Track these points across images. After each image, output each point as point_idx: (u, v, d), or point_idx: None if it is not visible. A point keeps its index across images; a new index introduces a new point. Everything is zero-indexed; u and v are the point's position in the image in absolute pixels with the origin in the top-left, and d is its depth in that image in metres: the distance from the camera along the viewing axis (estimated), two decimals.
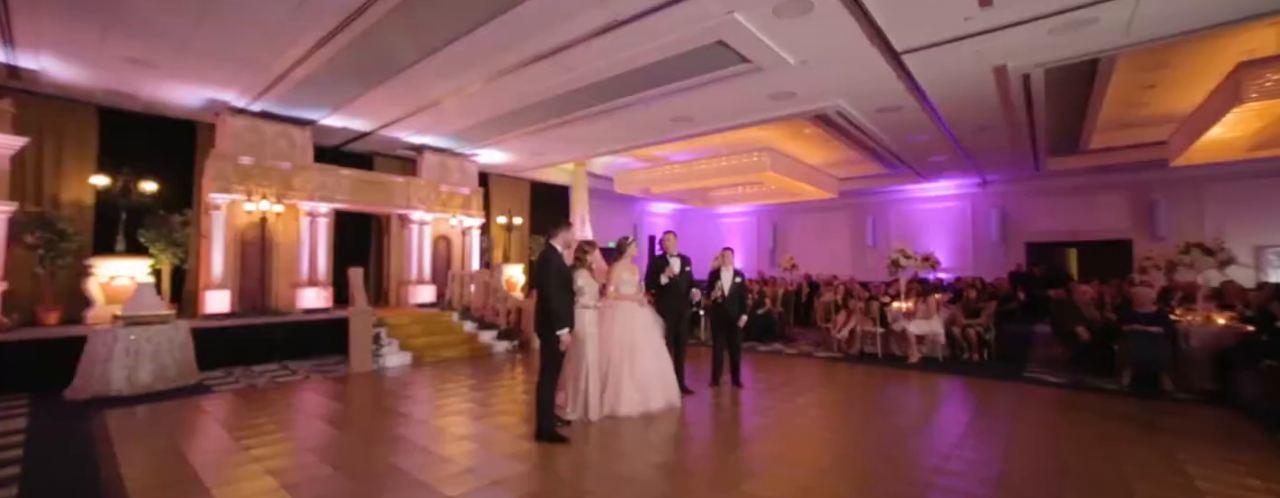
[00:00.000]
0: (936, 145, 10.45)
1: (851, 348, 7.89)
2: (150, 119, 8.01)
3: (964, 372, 6.61)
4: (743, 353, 6.04)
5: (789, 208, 16.69)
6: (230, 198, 7.54)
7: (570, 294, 4.12)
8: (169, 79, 6.84)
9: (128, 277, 6.89)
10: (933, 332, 7.30)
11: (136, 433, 4.16)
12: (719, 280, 5.86)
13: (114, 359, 5.11)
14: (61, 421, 4.44)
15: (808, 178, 12.32)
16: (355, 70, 6.63)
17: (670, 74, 6.93)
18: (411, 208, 9.62)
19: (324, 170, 8.49)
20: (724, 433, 4.21)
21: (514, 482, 3.20)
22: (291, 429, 4.25)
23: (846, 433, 4.19)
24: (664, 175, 12.29)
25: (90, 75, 6.81)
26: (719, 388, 5.75)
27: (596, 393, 4.47)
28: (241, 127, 7.73)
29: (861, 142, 10.37)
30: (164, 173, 7.73)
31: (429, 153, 10.13)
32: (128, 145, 7.79)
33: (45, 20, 5.43)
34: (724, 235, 18.39)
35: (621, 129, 9.27)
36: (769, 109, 8.20)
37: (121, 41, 5.80)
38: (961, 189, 14.46)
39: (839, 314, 8.15)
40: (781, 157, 11.02)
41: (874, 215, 15.61)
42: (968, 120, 8.79)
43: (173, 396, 5.19)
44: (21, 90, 7.11)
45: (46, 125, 7.34)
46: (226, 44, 5.82)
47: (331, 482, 3.21)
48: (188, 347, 5.73)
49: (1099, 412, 4.80)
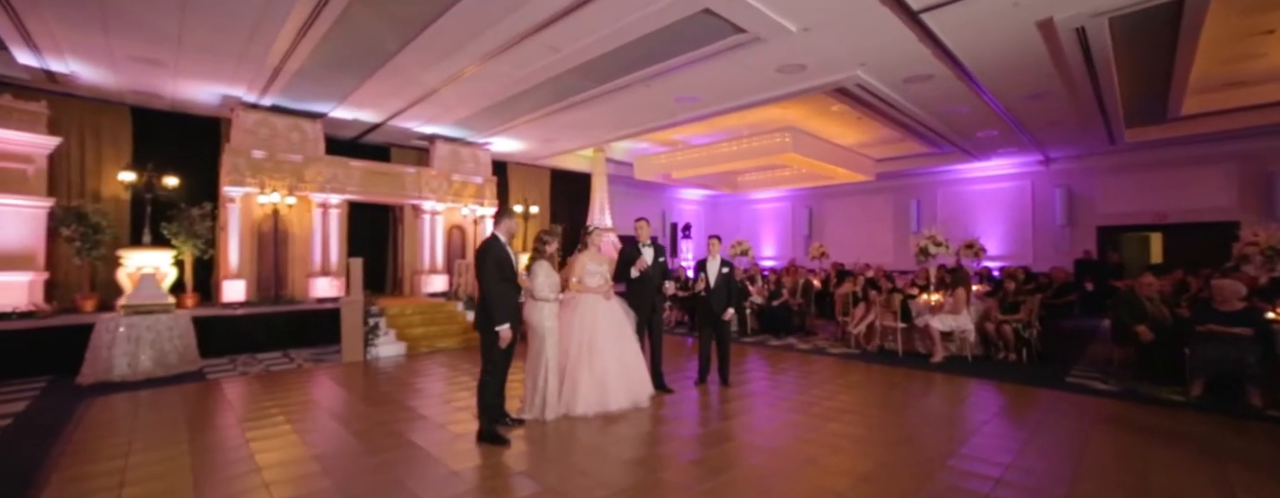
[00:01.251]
0: (982, 119, 9.39)
1: (870, 344, 7.24)
2: (177, 117, 8.43)
3: (994, 374, 5.87)
4: (760, 348, 5.61)
5: (824, 192, 15.74)
6: (244, 191, 7.83)
7: (512, 286, 3.87)
8: (181, 77, 7.10)
9: (152, 267, 7.29)
10: (960, 328, 6.54)
11: (104, 419, 4.31)
12: (704, 272, 5.43)
13: (117, 346, 5.39)
14: (57, 404, 4.70)
15: (839, 160, 11.47)
16: (343, 60, 6.62)
17: (664, 50, 6.49)
18: (422, 198, 9.71)
19: (334, 162, 8.67)
20: (684, 441, 3.84)
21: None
22: (223, 421, 4.26)
23: (829, 445, 3.72)
24: (683, 160, 11.80)
25: (113, 76, 7.18)
26: (706, 387, 5.38)
27: (555, 391, 4.23)
28: (254, 121, 7.98)
29: (895, 118, 9.45)
30: (189, 168, 8.13)
31: (441, 142, 10.17)
32: (158, 143, 8.24)
33: (52, 23, 5.69)
34: (757, 222, 17.66)
35: (626, 112, 8.89)
36: (779, 85, 7.58)
37: (122, 41, 6.02)
38: (1020, 168, 13.05)
39: (857, 307, 7.49)
40: (806, 137, 10.28)
41: (919, 199, 14.42)
42: (1015, 88, 7.78)
43: (170, 382, 5.42)
44: (61, 93, 7.63)
45: (85, 125, 7.86)
46: (214, 37, 5.91)
47: (213, 481, 3.13)
48: (189, 335, 5.98)
49: (1145, 428, 4.05)
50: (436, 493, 2.94)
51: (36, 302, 6.84)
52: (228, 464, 3.36)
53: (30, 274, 6.83)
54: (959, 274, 6.94)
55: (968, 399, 4.91)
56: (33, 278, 6.87)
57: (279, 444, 3.71)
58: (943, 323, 6.55)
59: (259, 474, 3.19)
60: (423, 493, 2.93)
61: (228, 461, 3.42)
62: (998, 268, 11.94)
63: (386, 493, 2.93)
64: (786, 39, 6.06)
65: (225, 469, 3.28)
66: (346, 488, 2.99)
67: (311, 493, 2.93)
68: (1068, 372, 5.94)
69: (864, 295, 7.46)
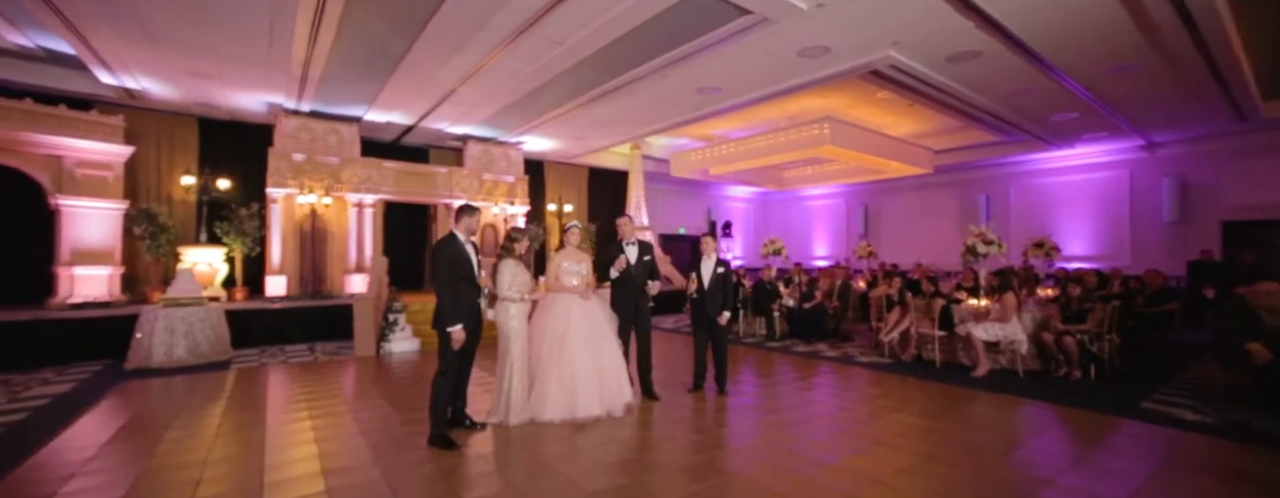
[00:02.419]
0: (1054, 100, 8.23)
1: (905, 353, 6.51)
2: (235, 125, 9.16)
3: (1048, 393, 5.04)
4: (783, 354, 5.18)
5: (880, 187, 14.60)
6: (286, 192, 8.35)
7: (470, 286, 3.74)
8: (227, 86, 7.68)
9: (207, 263, 7.97)
10: (1008, 338, 5.70)
11: (124, 401, 4.66)
12: (698, 272, 5.07)
13: (156, 336, 5.87)
14: (97, 386, 5.17)
15: (889, 151, 10.53)
16: (360, 63, 6.85)
17: (669, 38, 6.18)
18: (454, 197, 9.95)
19: (368, 163, 9.06)
20: (653, 454, 3.53)
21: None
22: (207, 410, 4.44)
23: (799, 474, 3.29)
24: (719, 155, 11.33)
25: (176, 90, 7.90)
26: (701, 394, 5.02)
27: (519, 394, 4.06)
28: (294, 126, 8.50)
29: (948, 104, 8.50)
30: (243, 172, 8.81)
31: (473, 142, 10.38)
32: (219, 149, 9.01)
33: (113, 43, 6.29)
34: (809, 220, 16.72)
35: (648, 106, 8.63)
36: (804, 71, 7.01)
37: (169, 55, 6.56)
38: (1114, 155, 11.37)
39: (892, 311, 6.76)
40: (847, 128, 9.50)
41: (988, 193, 12.99)
42: (1091, 62, 6.72)
43: (200, 369, 5.83)
44: (141, 108, 8.50)
45: (160, 135, 8.72)
46: (239, 46, 6.28)
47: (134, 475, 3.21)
48: (221, 326, 6.42)
49: (1246, 476, 3.21)
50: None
51: (114, 293, 7.66)
52: (174, 453, 3.47)
53: (109, 268, 7.66)
54: (1007, 277, 6.06)
55: (1002, 423, 4.20)
56: (111, 272, 7.69)
57: (215, 440, 3.81)
58: (987, 332, 5.74)
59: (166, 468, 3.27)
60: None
61: (174, 449, 3.54)
62: (1094, 270, 10.44)
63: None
64: (800, 19, 5.55)
65: (158, 457, 3.39)
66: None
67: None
68: (1148, 395, 4.98)
69: (900, 299, 6.72)
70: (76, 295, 7.34)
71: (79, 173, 7.52)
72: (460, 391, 3.92)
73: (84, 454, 3.45)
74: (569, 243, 4.53)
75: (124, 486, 2.99)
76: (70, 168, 7.50)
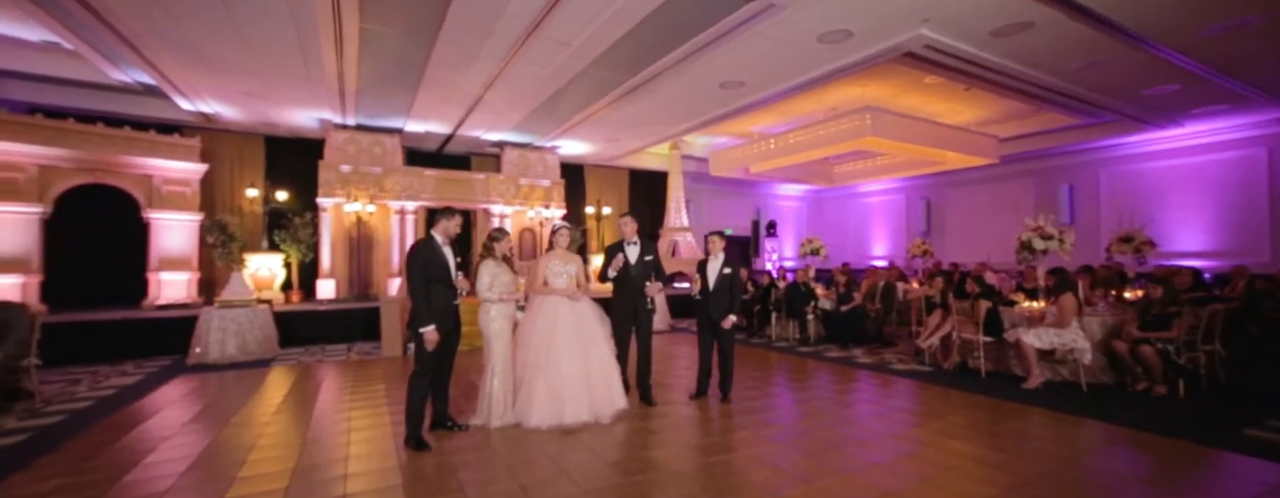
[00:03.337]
0: (1142, 71, 7.15)
1: (947, 361, 5.86)
2: (295, 141, 9.97)
3: (1116, 412, 4.29)
4: (813, 359, 4.87)
5: (944, 180, 13.42)
6: (334, 201, 8.96)
7: (444, 287, 3.75)
8: (280, 105, 8.36)
9: (267, 268, 8.70)
10: (1066, 346, 4.96)
11: (171, 392, 5.12)
12: (703, 273, 4.82)
13: (211, 334, 6.45)
14: (158, 379, 5.74)
15: (944, 141, 9.65)
16: (387, 76, 7.20)
17: (675, 33, 6.01)
18: (491, 202, 10.24)
19: (409, 172, 9.53)
20: (624, 464, 3.35)
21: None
22: (222, 405, 4.74)
23: (781, 489, 2.99)
24: (758, 152, 10.89)
25: (241, 112, 8.72)
26: (703, 401, 4.76)
27: (500, 396, 4.03)
28: (343, 139, 9.11)
29: (1008, 85, 7.65)
30: (301, 184, 9.55)
31: (509, 148, 10.65)
32: (282, 164, 9.84)
33: (178, 69, 7.02)
34: (866, 217, 15.72)
35: (672, 104, 8.44)
36: (827, 58, 6.56)
37: (225, 78, 7.22)
38: (1245, 130, 9.67)
39: (931, 315, 6.12)
40: (891, 117, 8.80)
41: (1072, 182, 11.56)
42: (1186, 19, 5.71)
43: (246, 366, 6.32)
44: (217, 129, 9.47)
45: (232, 154, 9.66)
46: (277, 65, 6.78)
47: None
48: (268, 326, 6.94)
49: None
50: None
51: (192, 296, 8.54)
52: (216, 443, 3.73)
53: (188, 274, 8.56)
54: (1065, 276, 5.28)
55: (1047, 444, 3.62)
56: (190, 277, 8.59)
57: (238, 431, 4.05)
58: (1040, 339, 5.03)
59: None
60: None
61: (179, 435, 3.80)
62: (1210, 268, 9.04)
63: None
64: (810, 3, 5.19)
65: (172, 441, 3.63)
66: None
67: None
68: (1259, 421, 4.09)
69: (942, 301, 6.06)
70: (162, 298, 8.26)
71: (165, 189, 8.47)
72: (442, 392, 3.94)
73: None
74: (558, 244, 4.45)
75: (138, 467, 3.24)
76: (158, 185, 8.46)
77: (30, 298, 7.64)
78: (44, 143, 7.63)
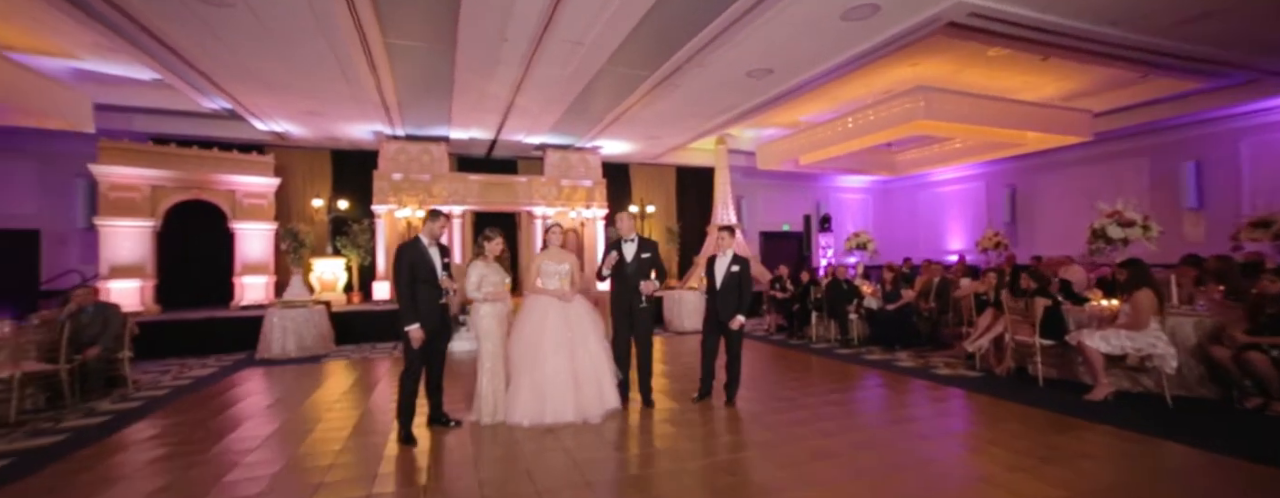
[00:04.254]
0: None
1: (1000, 365, 5.18)
2: (357, 153, 10.76)
3: (1209, 435, 3.54)
4: (850, 362, 4.58)
5: (1029, 163, 11.96)
6: (387, 208, 9.57)
7: (430, 287, 3.83)
8: (337, 120, 9.05)
9: (331, 272, 9.46)
10: (1142, 350, 4.19)
11: (232, 383, 5.68)
12: (711, 270, 4.60)
13: (273, 332, 7.09)
14: (227, 371, 6.40)
15: (1019, 120, 8.57)
16: (421, 87, 7.56)
17: (685, 24, 5.80)
18: (534, 204, 10.48)
19: (455, 178, 9.97)
20: (594, 465, 3.23)
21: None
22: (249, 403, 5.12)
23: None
24: (805, 142, 10.29)
25: (307, 129, 9.54)
26: (705, 404, 4.53)
27: (489, 394, 4.06)
28: (393, 149, 9.71)
29: (1091, 50, 6.67)
30: (360, 192, 10.30)
31: (551, 150, 10.85)
32: (347, 175, 10.67)
33: (246, 94, 7.80)
34: (940, 208, 14.41)
35: (702, 97, 8.20)
36: (857, 37, 6.07)
37: (283, 98, 7.92)
38: None
39: (982, 314, 5.44)
40: (948, 97, 7.95)
41: (1199, 158, 9.84)
42: None
43: (301, 361, 6.89)
44: (290, 147, 10.45)
45: (302, 167, 10.61)
46: (323, 83, 7.29)
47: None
48: (323, 325, 7.52)
49: None
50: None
51: (269, 297, 9.47)
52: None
53: (265, 277, 9.50)
54: (1141, 268, 4.45)
55: (1090, 471, 3.06)
56: (267, 280, 9.54)
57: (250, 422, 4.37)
58: (1107, 342, 4.29)
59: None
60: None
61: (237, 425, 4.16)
62: None
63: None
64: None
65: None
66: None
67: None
68: None
69: (994, 299, 5.37)
70: (245, 299, 9.23)
71: (245, 202, 9.46)
72: (435, 389, 4.04)
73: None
74: (551, 243, 4.43)
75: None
76: (240, 198, 9.47)
77: (145, 299, 8.85)
78: (154, 166, 8.79)
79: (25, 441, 3.94)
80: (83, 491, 3.03)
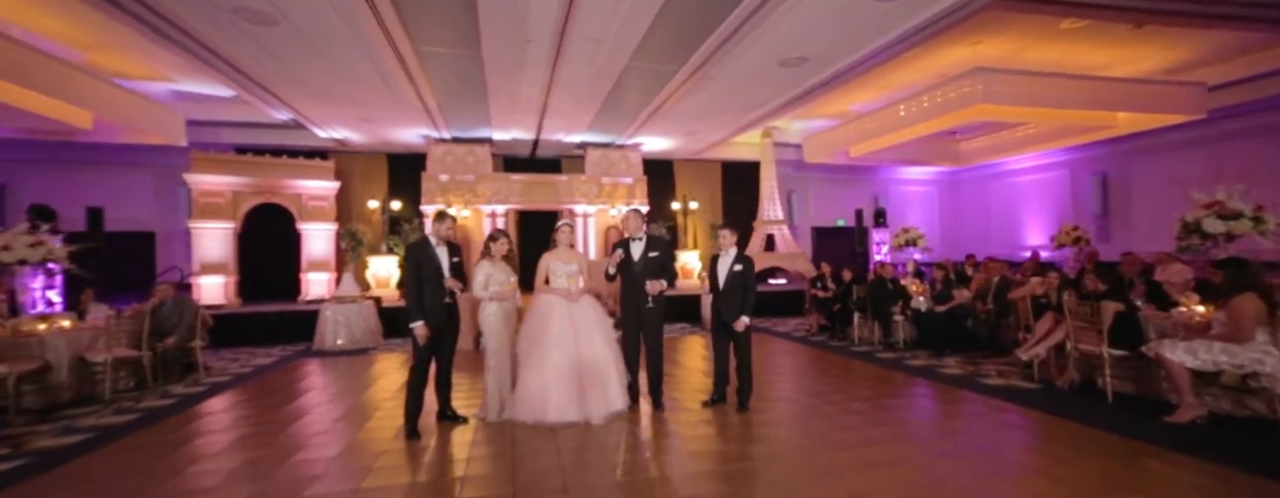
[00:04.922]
0: None
1: (1062, 377, 4.59)
2: (410, 157, 11.32)
3: None
4: (893, 368, 4.32)
5: (1124, 147, 10.60)
6: (434, 207, 9.98)
7: (435, 287, 3.89)
8: (387, 126, 9.54)
9: (385, 269, 10.01)
10: (1244, 368, 3.54)
11: (281, 373, 6.12)
12: (713, 269, 4.40)
13: (326, 326, 7.58)
14: (284, 361, 6.91)
15: (1105, 100, 7.63)
16: (457, 90, 7.78)
17: (705, 15, 5.61)
18: (575, 202, 10.58)
19: (498, 178, 10.25)
20: (580, 469, 3.15)
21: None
22: (303, 393, 5.42)
23: None
24: (853, 133, 9.71)
25: (363, 136, 10.15)
26: (719, 408, 4.34)
27: (494, 392, 4.10)
28: (441, 151, 10.12)
29: (1193, 13, 5.80)
30: (412, 193, 10.82)
31: (591, 149, 10.89)
32: (402, 177, 11.26)
33: (304, 104, 8.39)
34: (1016, 200, 13.16)
35: (735, 89, 7.91)
36: (897, 17, 5.65)
37: (334, 107, 8.45)
38: None
39: (1042, 318, 4.84)
40: (1012, 78, 7.21)
41: None
42: None
43: (350, 354, 7.31)
44: (351, 152, 11.17)
45: (361, 171, 11.31)
46: (368, 91, 7.69)
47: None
48: (372, 319, 7.95)
49: None
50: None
51: (331, 293, 10.15)
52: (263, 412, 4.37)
53: (328, 274, 10.21)
54: (1245, 269, 3.75)
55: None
56: (330, 276, 10.24)
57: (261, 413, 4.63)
58: (1193, 355, 3.66)
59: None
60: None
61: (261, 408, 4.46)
62: None
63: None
64: None
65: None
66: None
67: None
68: None
69: (1056, 302, 4.76)
70: (310, 295, 9.96)
71: (310, 204, 10.20)
72: (443, 385, 4.12)
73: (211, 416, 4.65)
74: (559, 242, 4.38)
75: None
76: (306, 201, 10.22)
77: (229, 293, 9.76)
78: (234, 174, 9.67)
79: (112, 417, 4.46)
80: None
